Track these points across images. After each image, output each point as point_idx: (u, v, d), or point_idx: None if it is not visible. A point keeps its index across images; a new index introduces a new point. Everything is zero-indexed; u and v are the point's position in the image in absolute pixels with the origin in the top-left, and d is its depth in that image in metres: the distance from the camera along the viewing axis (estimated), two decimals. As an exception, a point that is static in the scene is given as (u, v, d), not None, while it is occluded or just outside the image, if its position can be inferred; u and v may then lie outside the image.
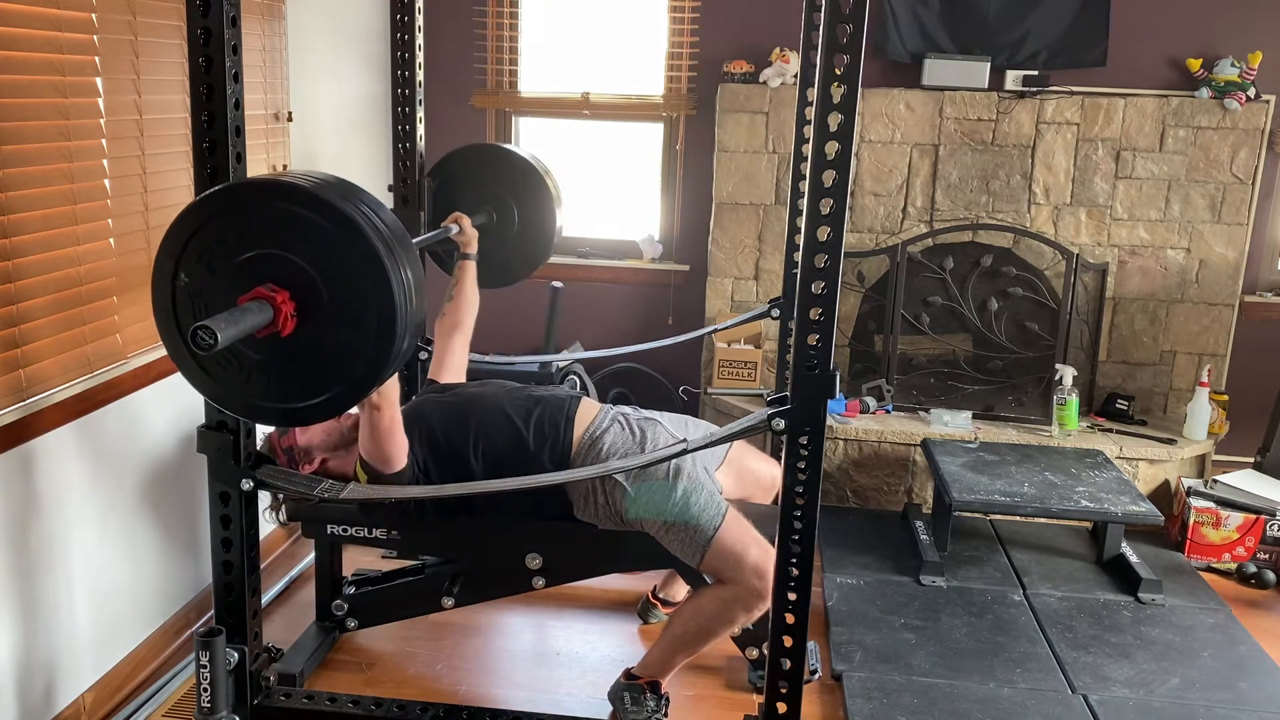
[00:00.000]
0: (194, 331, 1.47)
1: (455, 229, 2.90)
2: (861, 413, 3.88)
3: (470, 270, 2.91)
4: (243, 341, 1.65)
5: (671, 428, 2.50)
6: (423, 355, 3.09)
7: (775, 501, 2.43)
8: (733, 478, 2.59)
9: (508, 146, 3.27)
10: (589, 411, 2.47)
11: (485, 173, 3.13)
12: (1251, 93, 3.86)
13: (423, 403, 2.53)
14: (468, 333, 2.84)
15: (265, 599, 2.96)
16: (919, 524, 3.53)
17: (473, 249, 2.92)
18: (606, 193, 4.49)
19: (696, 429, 2.59)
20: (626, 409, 2.56)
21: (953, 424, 3.80)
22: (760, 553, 2.26)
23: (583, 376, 4.06)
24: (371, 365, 1.67)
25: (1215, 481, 3.60)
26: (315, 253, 1.63)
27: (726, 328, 3.57)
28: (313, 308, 1.65)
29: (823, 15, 1.60)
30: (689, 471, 2.33)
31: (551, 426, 2.40)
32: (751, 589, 2.26)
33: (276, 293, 1.62)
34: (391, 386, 2.05)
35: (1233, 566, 3.45)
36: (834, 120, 1.63)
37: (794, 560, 1.83)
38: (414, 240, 2.80)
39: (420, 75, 3.11)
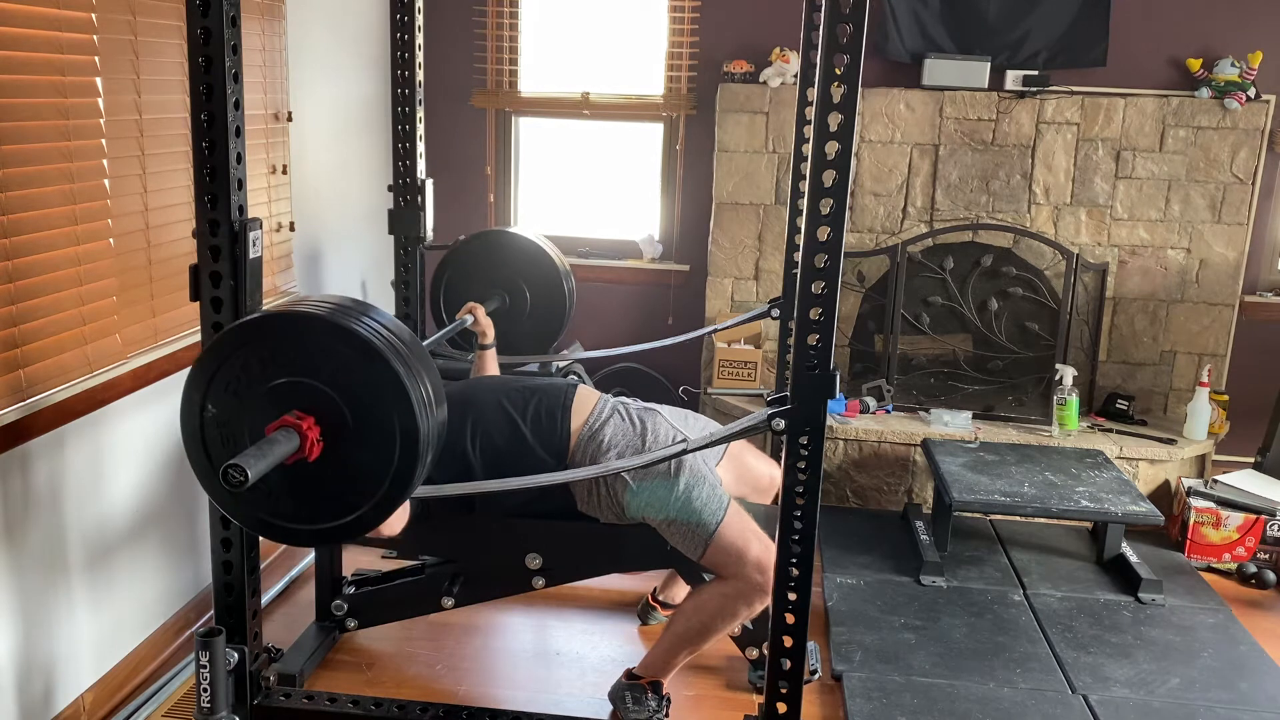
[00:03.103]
0: (225, 470, 1.50)
1: (470, 319, 2.94)
2: (861, 413, 3.88)
3: (490, 359, 2.96)
4: None
5: (671, 419, 2.50)
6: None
7: (774, 501, 2.43)
8: (731, 475, 2.59)
9: (510, 230, 3.36)
10: (587, 401, 2.47)
11: (491, 259, 3.23)
12: (1251, 93, 3.86)
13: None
14: None
15: (265, 599, 2.96)
16: (919, 524, 3.53)
17: (489, 338, 2.96)
18: (606, 193, 4.49)
19: (696, 422, 2.59)
20: (626, 399, 2.56)
21: (953, 424, 3.80)
22: (761, 548, 2.27)
23: (583, 376, 4.07)
24: (398, 483, 1.70)
25: (1215, 481, 3.60)
26: (337, 378, 1.66)
27: (726, 328, 3.57)
28: (338, 431, 1.67)
29: (823, 15, 1.60)
30: (692, 465, 2.33)
31: (549, 418, 2.40)
32: (753, 584, 2.27)
33: (302, 419, 1.65)
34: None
35: (1233, 566, 3.45)
36: (834, 120, 1.63)
37: (794, 560, 1.83)
38: (431, 338, 2.88)
39: (420, 75, 3.11)
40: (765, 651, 1.96)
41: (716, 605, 2.34)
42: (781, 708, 1.91)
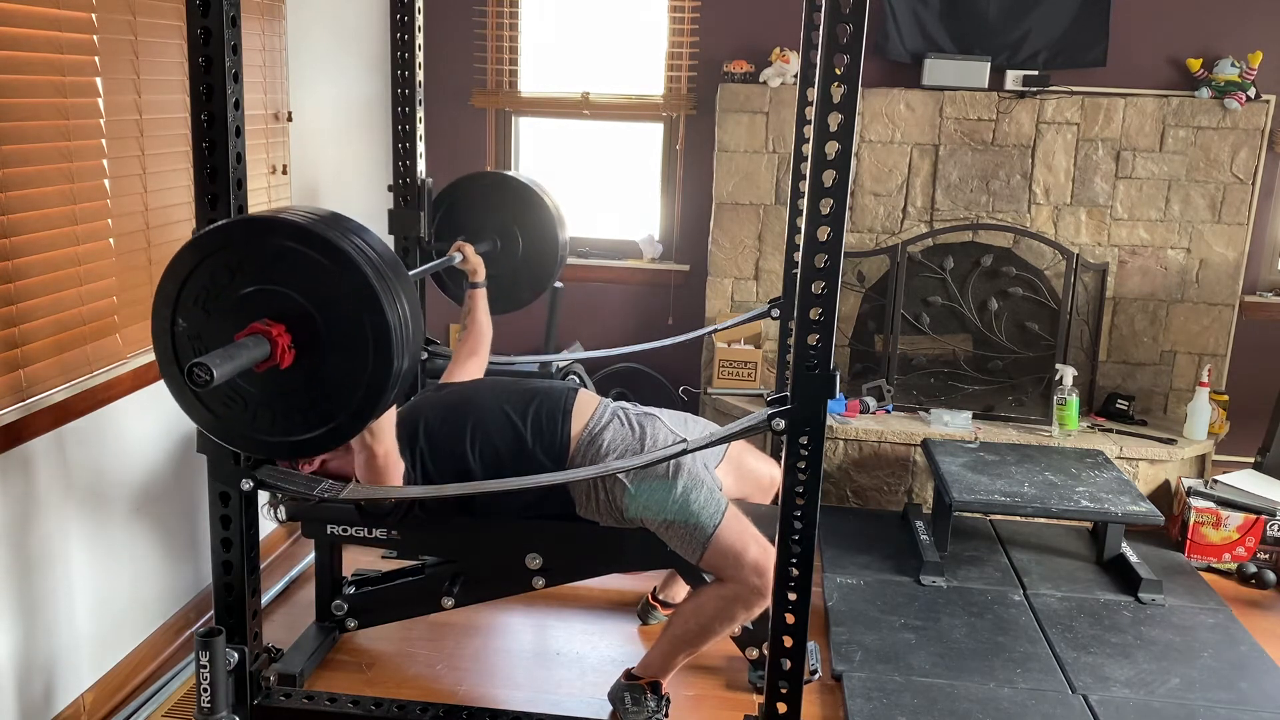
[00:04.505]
0: (190, 368, 1.47)
1: (459, 257, 2.92)
2: (861, 413, 3.88)
3: (480, 299, 2.93)
4: (244, 378, 1.67)
5: (671, 424, 2.50)
6: (422, 355, 3.09)
7: (775, 501, 2.43)
8: (732, 476, 2.59)
9: (507, 172, 3.31)
10: (587, 406, 2.47)
11: (487, 200, 3.17)
12: (1251, 93, 3.86)
13: (421, 401, 2.54)
14: (483, 359, 2.88)
15: (265, 599, 2.96)
16: (919, 524, 3.53)
17: (480, 276, 2.95)
18: (606, 193, 4.49)
19: (696, 426, 2.59)
20: (626, 404, 2.56)
21: (953, 424, 3.80)
22: (760, 550, 2.26)
23: (583, 376, 4.07)
24: (372, 392, 1.69)
25: (1215, 481, 3.60)
26: (309, 285, 1.65)
27: (726, 328, 3.57)
28: (310, 339, 1.67)
29: (823, 15, 1.60)
30: (689, 468, 2.33)
31: (550, 421, 2.39)
32: (751, 587, 2.26)
33: (272, 326, 1.64)
34: (387, 420, 2.06)
35: (1233, 566, 3.45)
36: (834, 120, 1.63)
37: (794, 560, 1.83)
38: (417, 269, 2.85)
39: (420, 75, 3.11)
40: (765, 651, 1.96)
41: (715, 608, 2.34)
42: (781, 708, 1.91)
